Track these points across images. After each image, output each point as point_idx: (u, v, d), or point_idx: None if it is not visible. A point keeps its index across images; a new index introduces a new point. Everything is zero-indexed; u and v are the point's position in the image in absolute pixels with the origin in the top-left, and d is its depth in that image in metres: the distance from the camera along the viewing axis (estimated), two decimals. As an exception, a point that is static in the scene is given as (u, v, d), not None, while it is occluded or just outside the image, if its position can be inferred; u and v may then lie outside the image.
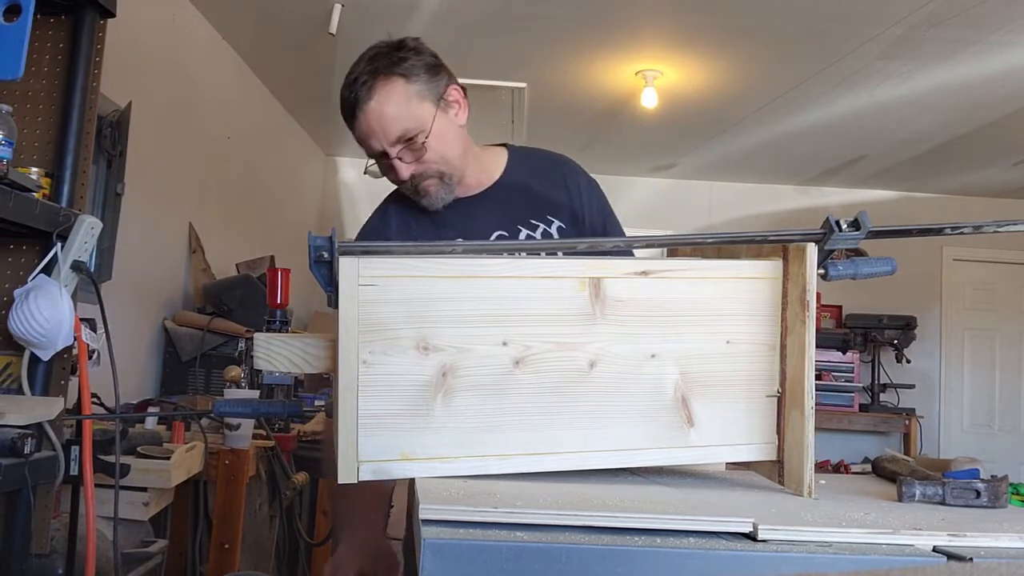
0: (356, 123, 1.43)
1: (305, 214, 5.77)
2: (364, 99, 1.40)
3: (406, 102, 1.41)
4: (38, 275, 1.49)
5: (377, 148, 1.44)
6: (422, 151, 1.43)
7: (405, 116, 1.41)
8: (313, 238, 0.95)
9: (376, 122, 1.41)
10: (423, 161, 1.45)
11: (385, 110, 1.40)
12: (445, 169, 1.47)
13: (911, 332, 5.68)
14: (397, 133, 1.41)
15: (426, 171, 1.46)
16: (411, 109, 1.42)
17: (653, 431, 1.01)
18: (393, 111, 1.40)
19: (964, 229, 1.07)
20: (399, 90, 1.41)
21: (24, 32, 1.31)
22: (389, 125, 1.41)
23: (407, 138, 1.42)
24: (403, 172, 1.45)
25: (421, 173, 1.46)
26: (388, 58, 1.42)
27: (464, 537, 0.75)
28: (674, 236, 1.44)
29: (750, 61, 3.91)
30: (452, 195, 1.50)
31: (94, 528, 1.53)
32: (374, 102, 1.40)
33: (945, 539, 0.81)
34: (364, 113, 1.40)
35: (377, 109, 1.40)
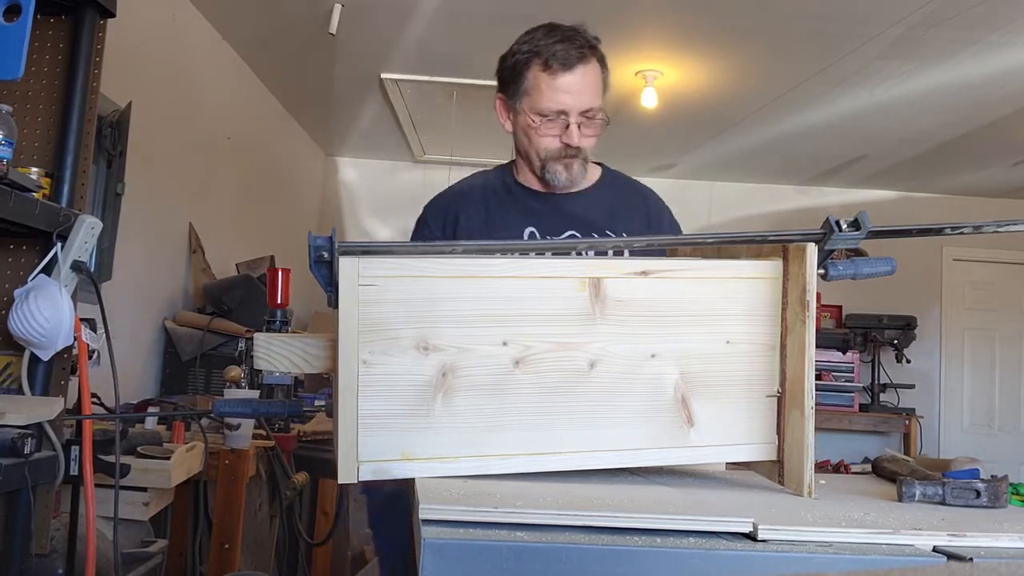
0: (564, 76, 1.51)
1: (305, 214, 5.77)
2: (581, 60, 1.52)
3: (600, 82, 1.56)
4: (38, 275, 1.49)
5: (568, 106, 1.52)
6: (593, 130, 1.56)
7: (599, 93, 1.55)
8: (313, 238, 0.95)
9: (584, 85, 1.52)
10: (587, 140, 1.56)
11: (592, 78, 1.53)
12: (588, 157, 1.60)
13: (911, 332, 5.68)
14: (591, 104, 1.53)
15: (583, 151, 1.57)
16: (600, 90, 1.55)
17: (653, 431, 1.01)
18: (594, 83, 1.54)
19: (964, 229, 1.07)
20: (599, 72, 1.56)
21: (24, 32, 1.31)
22: (589, 93, 1.53)
23: (589, 115, 1.54)
24: (576, 139, 1.54)
25: (581, 149, 1.56)
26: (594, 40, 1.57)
27: (464, 537, 0.75)
28: (674, 236, 1.44)
29: (750, 61, 3.90)
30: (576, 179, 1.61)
31: (94, 528, 1.53)
32: (588, 67, 1.53)
33: (945, 539, 0.81)
34: (579, 72, 1.51)
35: (589, 73, 1.53)
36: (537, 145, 1.57)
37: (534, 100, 1.54)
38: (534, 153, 1.58)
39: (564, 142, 1.54)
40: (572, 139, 1.53)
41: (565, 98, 1.51)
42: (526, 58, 1.55)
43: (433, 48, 3.92)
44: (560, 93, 1.51)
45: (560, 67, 1.51)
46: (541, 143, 1.56)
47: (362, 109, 4.97)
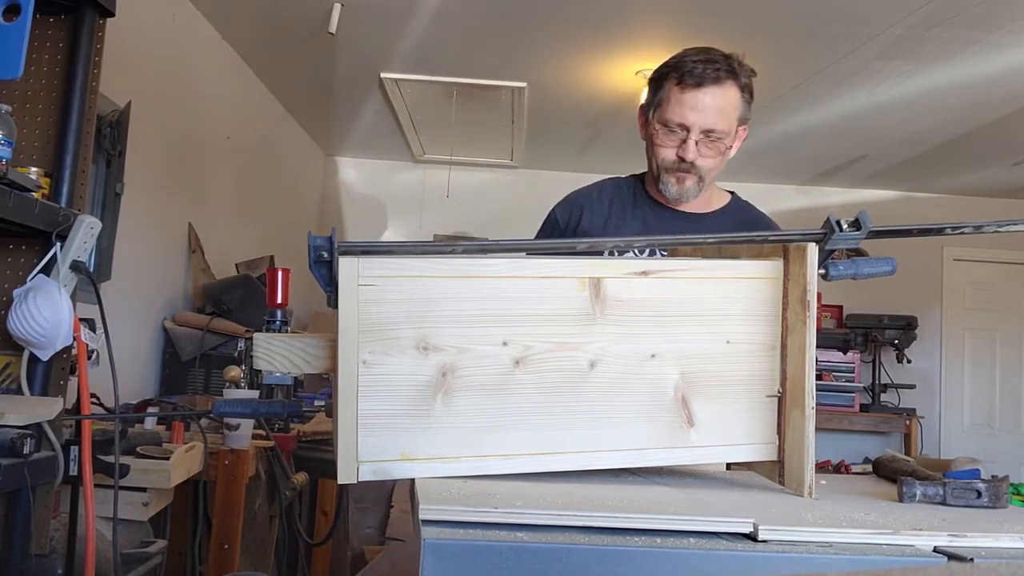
0: (694, 93, 1.56)
1: (305, 214, 5.77)
2: (716, 81, 1.56)
3: (733, 108, 1.60)
4: (37, 275, 1.49)
5: (692, 121, 1.57)
6: (719, 151, 1.60)
7: (727, 117, 1.59)
8: (313, 238, 0.95)
9: (711, 105, 1.56)
10: (709, 158, 1.60)
11: (721, 102, 1.57)
12: (706, 177, 1.62)
13: (912, 332, 5.68)
14: (714, 125, 1.57)
15: (700, 167, 1.60)
16: (731, 115, 1.60)
17: (653, 431, 1.01)
18: (725, 107, 1.58)
19: (964, 229, 1.07)
20: (735, 95, 1.60)
21: (24, 32, 1.30)
22: (715, 116, 1.57)
23: (714, 137, 1.58)
24: (691, 153, 1.58)
25: (697, 166, 1.60)
26: (742, 68, 1.62)
27: (464, 537, 0.75)
28: (674, 236, 1.44)
29: (750, 61, 3.89)
30: (695, 199, 1.65)
31: (93, 528, 1.53)
32: (721, 89, 1.57)
33: (946, 539, 0.81)
34: (709, 91, 1.56)
35: (719, 96, 1.57)
36: (656, 154, 1.63)
37: (663, 110, 1.60)
38: (653, 162, 1.65)
39: (679, 155, 1.59)
40: (687, 152, 1.58)
41: (689, 113, 1.56)
42: (667, 71, 1.61)
43: (433, 48, 3.92)
44: (685, 108, 1.56)
45: (692, 83, 1.56)
46: (659, 152, 1.62)
47: (362, 109, 4.97)
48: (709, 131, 1.57)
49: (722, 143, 1.59)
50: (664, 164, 1.61)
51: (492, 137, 5.30)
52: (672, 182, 1.62)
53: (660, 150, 1.61)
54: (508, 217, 5.68)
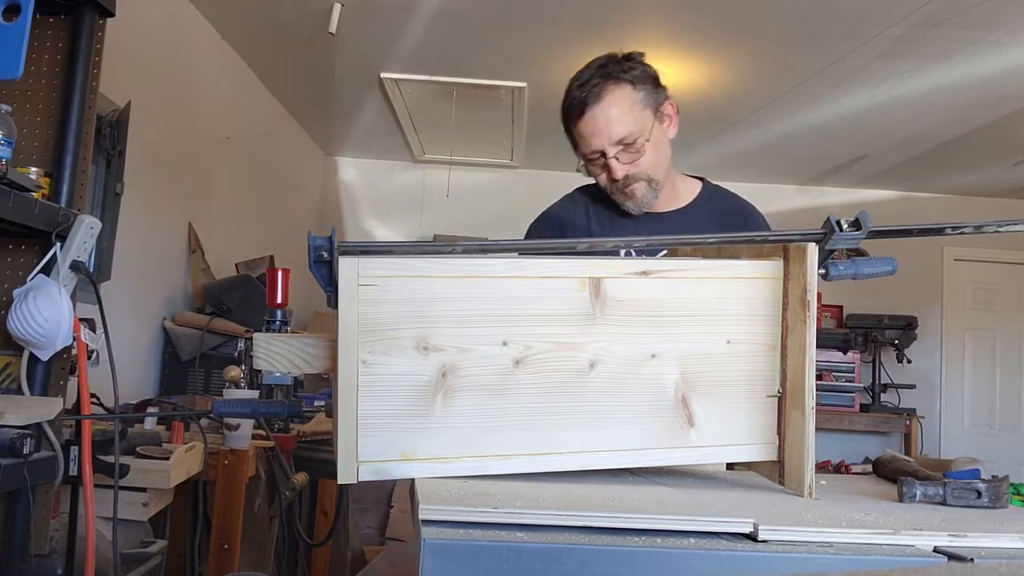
0: (582, 121, 1.54)
1: (305, 214, 5.77)
2: (595, 99, 1.52)
3: (631, 106, 1.53)
4: (37, 275, 1.49)
5: (598, 146, 1.54)
6: (638, 155, 1.54)
7: (629, 120, 1.53)
8: (313, 238, 0.94)
9: (603, 121, 1.52)
10: (636, 164, 1.55)
11: (612, 112, 1.52)
12: (653, 175, 1.58)
13: (912, 332, 5.68)
14: (620, 134, 1.53)
15: (638, 174, 1.56)
16: (635, 114, 1.54)
17: (653, 431, 1.01)
18: (619, 113, 1.53)
19: (964, 229, 1.07)
20: (627, 95, 1.54)
21: (24, 32, 1.30)
22: (614, 126, 1.53)
23: (627, 141, 1.53)
24: (618, 171, 1.55)
25: (633, 175, 1.56)
26: (618, 65, 1.56)
27: (464, 537, 0.75)
28: (674, 236, 1.44)
29: (750, 61, 3.90)
30: (655, 201, 1.61)
31: (93, 528, 1.52)
32: (604, 103, 1.52)
33: (946, 539, 0.81)
34: (593, 112, 1.53)
35: (606, 109, 1.52)
36: (598, 182, 1.62)
37: (579, 149, 1.60)
38: (601, 189, 1.63)
39: (610, 177, 1.58)
40: (613, 173, 1.56)
41: (592, 139, 1.55)
42: (563, 116, 1.61)
43: (433, 48, 3.92)
44: (586, 137, 1.56)
45: (577, 114, 1.55)
46: (599, 181, 1.62)
47: (362, 109, 4.97)
48: (619, 141, 1.53)
49: (640, 143, 1.54)
50: (608, 188, 1.60)
51: (492, 137, 5.30)
52: (623, 200, 1.60)
53: (598, 179, 1.61)
54: (508, 217, 5.67)
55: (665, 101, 1.60)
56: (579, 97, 1.54)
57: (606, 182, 1.59)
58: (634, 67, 1.57)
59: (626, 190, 1.58)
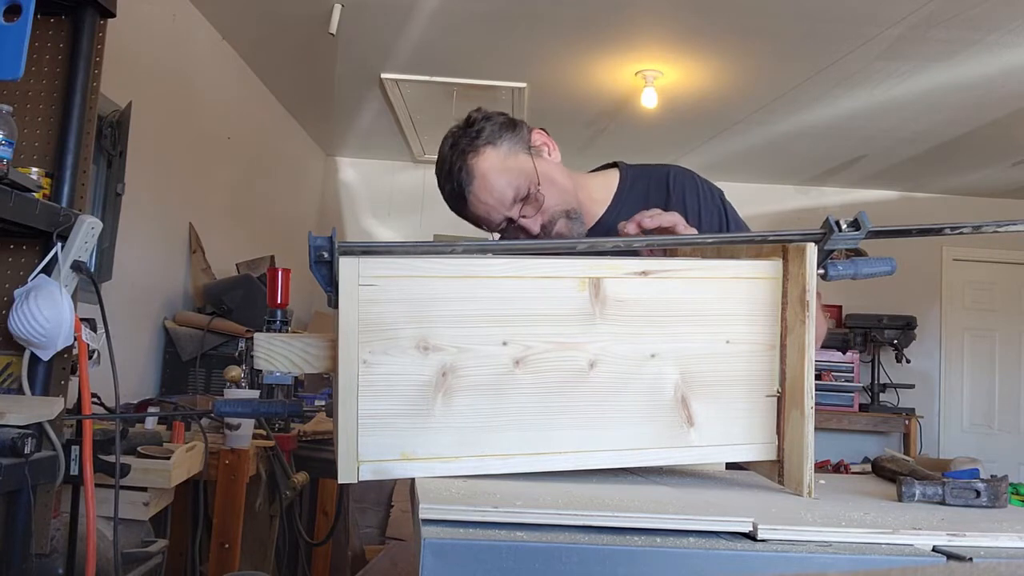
0: (470, 206, 1.47)
1: (305, 214, 5.77)
2: (468, 182, 1.44)
3: (503, 163, 1.45)
4: (38, 275, 1.49)
5: (499, 218, 1.47)
6: (539, 200, 1.45)
7: (511, 176, 1.44)
8: (313, 238, 0.95)
9: (488, 197, 1.44)
10: (544, 210, 1.47)
11: (490, 180, 1.44)
12: (566, 207, 1.49)
13: (911, 332, 5.68)
14: (511, 195, 1.44)
15: (553, 216, 1.47)
16: (512, 169, 1.45)
17: (653, 431, 1.01)
18: (496, 178, 1.44)
19: (964, 229, 1.07)
20: (492, 158, 1.45)
21: (24, 32, 1.31)
22: (501, 193, 1.44)
23: (522, 196, 1.45)
24: (534, 228, 1.47)
25: (550, 221, 1.47)
26: (465, 137, 1.46)
27: (464, 537, 0.75)
28: (674, 236, 1.43)
29: (750, 61, 3.91)
30: (584, 226, 1.52)
31: (94, 528, 1.53)
32: (478, 179, 1.44)
33: (945, 539, 0.81)
34: (474, 194, 1.44)
35: (483, 185, 1.44)
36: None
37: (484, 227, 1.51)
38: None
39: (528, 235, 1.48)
40: (531, 231, 1.46)
41: (491, 216, 1.46)
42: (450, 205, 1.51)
43: (433, 48, 3.93)
44: (484, 217, 1.47)
45: (462, 203, 1.46)
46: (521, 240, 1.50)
47: (362, 109, 4.97)
48: (513, 200, 1.44)
49: (533, 190, 1.45)
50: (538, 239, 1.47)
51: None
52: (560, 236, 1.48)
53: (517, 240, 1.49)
54: (508, 217, 5.68)
55: (530, 134, 1.50)
56: (455, 190, 1.45)
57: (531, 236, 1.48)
58: (481, 128, 1.47)
59: (554, 233, 1.48)
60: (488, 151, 1.45)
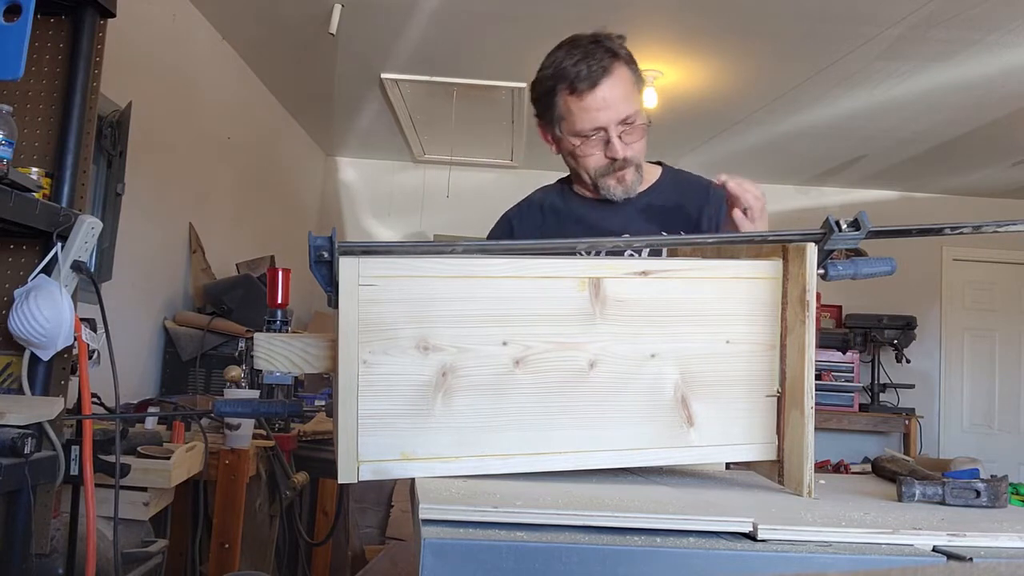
0: (592, 95, 1.48)
1: (305, 214, 5.77)
2: (603, 73, 1.47)
3: (631, 84, 1.51)
4: (38, 275, 1.49)
5: (604, 122, 1.49)
6: (639, 134, 1.52)
7: (632, 97, 1.50)
8: (313, 238, 0.95)
9: (612, 97, 1.47)
10: (633, 148, 1.53)
11: (620, 88, 1.48)
12: (640, 161, 1.56)
13: (911, 332, 5.68)
14: (626, 112, 1.49)
15: (632, 158, 1.54)
16: (634, 94, 1.51)
17: (653, 431, 1.01)
18: (624, 89, 1.49)
19: (964, 229, 1.07)
20: (626, 72, 1.50)
21: (24, 32, 1.31)
22: (621, 103, 1.48)
23: (629, 121, 1.50)
24: (621, 151, 1.51)
25: (630, 158, 1.53)
26: (612, 42, 1.51)
27: (464, 537, 0.75)
28: (674, 236, 1.44)
29: (750, 61, 3.91)
30: (638, 187, 1.58)
31: (94, 528, 1.53)
32: (613, 78, 1.47)
33: (945, 539, 0.81)
34: (603, 87, 1.47)
35: (615, 85, 1.48)
36: (584, 165, 1.56)
37: (570, 124, 1.52)
38: (584, 173, 1.58)
39: (609, 156, 1.53)
40: (616, 152, 1.51)
41: (598, 116, 1.49)
42: (552, 84, 1.53)
43: (433, 48, 3.92)
44: (592, 112, 1.49)
45: (586, 87, 1.48)
46: (587, 162, 1.55)
47: (362, 109, 4.97)
48: (624, 120, 1.50)
49: (639, 124, 1.52)
50: (598, 171, 1.55)
51: (492, 137, 5.30)
52: (612, 184, 1.56)
53: (588, 160, 1.54)
54: (508, 217, 5.68)
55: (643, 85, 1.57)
56: (586, 70, 1.47)
57: (598, 163, 1.54)
58: (623, 46, 1.53)
59: (618, 173, 1.54)
60: (625, 67, 1.50)
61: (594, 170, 1.56)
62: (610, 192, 1.57)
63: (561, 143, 1.58)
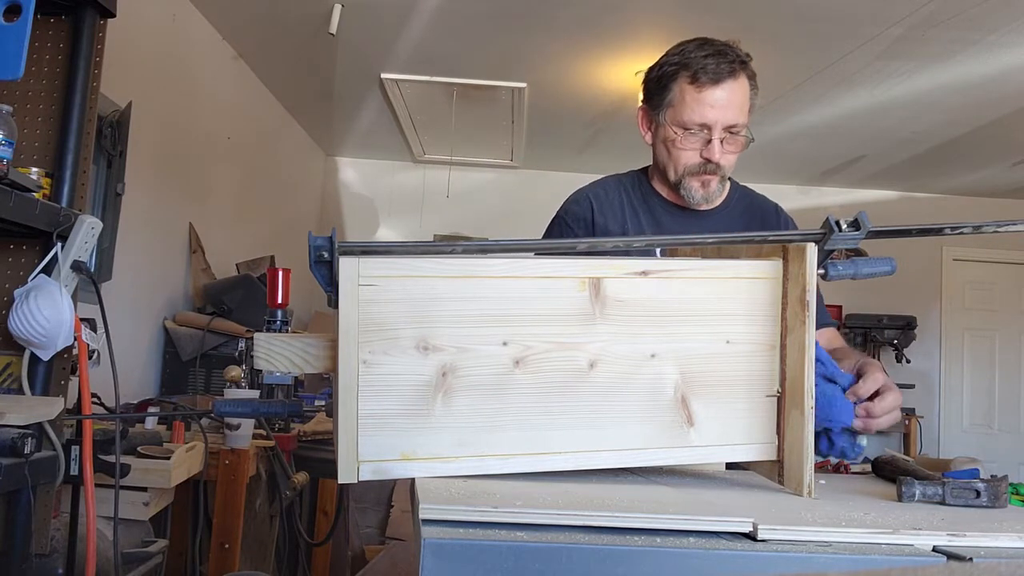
0: (715, 90, 1.49)
1: (305, 214, 5.77)
2: (729, 74, 1.49)
3: (748, 99, 1.53)
4: (38, 275, 1.49)
5: (712, 120, 1.49)
6: (735, 146, 1.53)
7: (745, 109, 1.52)
8: (313, 238, 0.95)
9: (730, 100, 1.49)
10: (729, 157, 1.54)
11: (739, 96, 1.51)
12: (728, 175, 1.57)
13: (911, 332, 5.68)
14: (736, 120, 1.50)
15: (724, 167, 1.54)
16: (747, 108, 1.53)
17: (653, 431, 1.01)
18: (742, 99, 1.51)
19: (964, 229, 1.07)
20: (747, 87, 1.53)
21: (24, 32, 1.31)
22: (735, 110, 1.50)
23: (735, 131, 1.51)
24: (717, 154, 1.51)
25: (722, 166, 1.54)
26: (745, 56, 1.54)
27: (464, 537, 0.75)
28: (674, 236, 1.43)
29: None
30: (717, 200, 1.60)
31: (94, 528, 1.53)
32: (737, 83, 1.50)
33: (945, 539, 0.81)
34: (726, 87, 1.49)
35: (737, 91, 1.50)
36: (676, 159, 1.54)
37: (678, 112, 1.51)
38: (672, 167, 1.56)
39: (705, 157, 1.52)
40: (714, 154, 1.50)
41: (710, 112, 1.48)
42: (674, 70, 1.51)
43: (433, 48, 3.93)
44: (705, 107, 1.49)
45: (709, 80, 1.48)
46: (681, 156, 1.54)
47: (362, 109, 4.97)
48: (731, 127, 1.50)
49: (743, 137, 1.52)
50: (689, 168, 1.53)
51: (492, 137, 5.31)
52: (696, 186, 1.54)
53: (682, 154, 1.53)
54: (508, 217, 5.68)
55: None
56: (715, 67, 1.48)
57: (691, 160, 1.52)
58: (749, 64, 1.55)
59: (704, 176, 1.53)
60: (748, 81, 1.53)
61: (684, 167, 1.54)
62: (691, 194, 1.55)
63: (660, 131, 1.56)
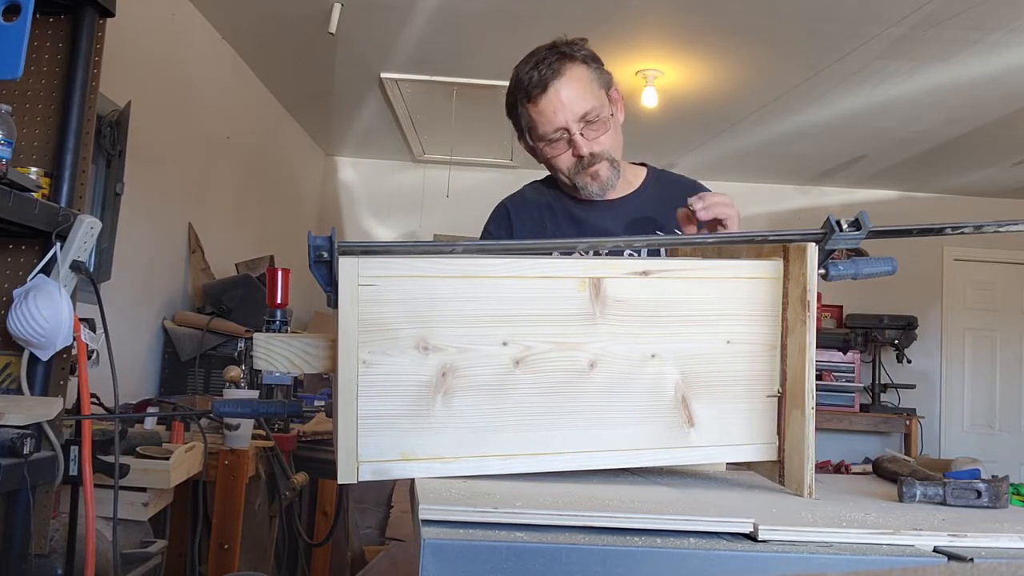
0: (544, 98, 1.52)
1: (305, 214, 5.77)
2: (553, 76, 1.51)
3: (589, 83, 1.54)
4: (37, 275, 1.49)
5: (561, 122, 1.53)
6: (602, 129, 1.54)
7: (589, 95, 1.53)
8: (313, 238, 0.94)
9: (566, 97, 1.51)
10: (599, 142, 1.55)
11: (573, 87, 1.52)
12: (614, 155, 1.58)
13: (912, 332, 5.68)
14: (583, 109, 1.52)
15: (601, 153, 1.56)
16: (590, 91, 1.53)
17: (653, 431, 1.01)
18: (580, 88, 1.52)
19: (964, 229, 1.07)
20: (582, 72, 1.54)
21: (24, 32, 1.30)
22: (577, 102, 1.52)
23: (589, 118, 1.53)
24: (584, 147, 1.54)
25: (598, 154, 1.55)
26: (567, 47, 1.55)
27: (464, 537, 0.75)
28: (674, 236, 1.43)
29: (750, 61, 3.90)
30: (617, 183, 1.61)
31: (93, 528, 1.53)
32: (564, 79, 1.52)
33: (946, 539, 0.81)
34: (555, 88, 1.51)
35: (567, 84, 1.52)
36: (557, 166, 1.59)
37: (535, 130, 1.57)
38: (560, 175, 1.61)
39: (576, 155, 1.55)
40: (580, 149, 1.54)
41: (555, 116, 1.52)
42: (514, 98, 1.58)
43: (433, 48, 3.92)
44: (548, 114, 1.53)
45: (538, 91, 1.52)
46: (559, 163, 1.58)
47: (362, 109, 4.97)
48: (582, 117, 1.52)
49: (602, 119, 1.54)
50: (570, 171, 1.58)
51: (492, 137, 5.30)
52: (588, 181, 1.58)
53: (558, 161, 1.58)
54: (508, 217, 5.67)
55: (611, 85, 1.60)
56: (537, 76, 1.52)
57: (569, 163, 1.57)
58: (581, 48, 1.56)
59: (590, 170, 1.56)
60: (581, 66, 1.54)
61: (567, 170, 1.59)
62: (587, 189, 1.59)
63: (536, 152, 1.62)
